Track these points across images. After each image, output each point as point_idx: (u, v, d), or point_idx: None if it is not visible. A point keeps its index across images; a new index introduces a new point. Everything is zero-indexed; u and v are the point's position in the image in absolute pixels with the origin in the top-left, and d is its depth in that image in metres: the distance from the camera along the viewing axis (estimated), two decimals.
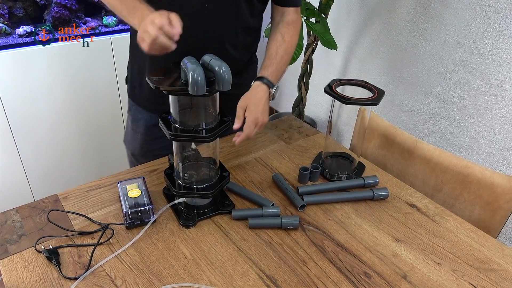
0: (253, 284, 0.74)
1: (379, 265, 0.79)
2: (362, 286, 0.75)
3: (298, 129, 1.26)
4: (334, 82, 0.99)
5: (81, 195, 0.94)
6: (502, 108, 1.54)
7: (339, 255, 0.81)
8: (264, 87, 0.97)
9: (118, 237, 0.83)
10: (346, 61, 2.16)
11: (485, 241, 0.86)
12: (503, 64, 1.49)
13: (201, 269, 0.77)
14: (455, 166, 1.06)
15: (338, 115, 1.02)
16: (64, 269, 0.75)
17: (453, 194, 1.07)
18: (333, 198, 0.96)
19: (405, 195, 0.99)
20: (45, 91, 1.77)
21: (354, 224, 0.89)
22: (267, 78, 0.99)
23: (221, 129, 0.82)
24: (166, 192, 0.95)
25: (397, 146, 1.19)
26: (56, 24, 1.80)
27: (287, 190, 0.96)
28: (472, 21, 1.54)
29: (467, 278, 0.77)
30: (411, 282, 0.76)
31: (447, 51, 1.66)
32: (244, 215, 0.88)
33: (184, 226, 0.86)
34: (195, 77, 0.70)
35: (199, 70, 0.71)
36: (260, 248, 0.82)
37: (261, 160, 1.10)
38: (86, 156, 2.04)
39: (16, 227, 0.84)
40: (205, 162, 0.92)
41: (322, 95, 1.94)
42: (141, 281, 0.74)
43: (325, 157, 1.09)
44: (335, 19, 2.08)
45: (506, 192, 0.96)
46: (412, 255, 0.82)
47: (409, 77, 1.84)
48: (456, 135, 1.73)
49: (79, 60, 1.80)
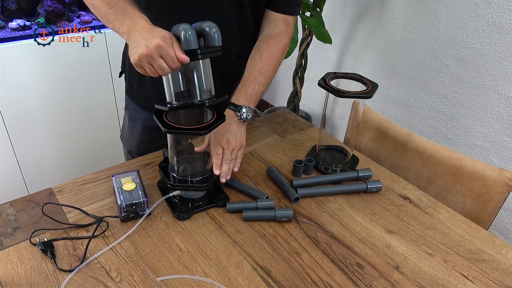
0: (247, 275, 0.75)
1: (372, 256, 0.80)
2: (355, 276, 0.76)
3: (293, 123, 1.27)
4: (328, 75, 0.99)
5: (75, 188, 0.94)
6: (495, 102, 1.55)
7: (332, 246, 0.82)
8: (229, 112, 0.96)
9: (113, 229, 0.83)
10: (341, 55, 2.16)
11: (476, 232, 0.87)
12: (496, 58, 1.50)
13: (196, 261, 0.77)
14: (448, 158, 1.07)
15: (332, 109, 1.03)
16: (59, 261, 0.76)
17: (445, 187, 1.08)
18: (327, 191, 0.96)
19: (398, 188, 1.00)
20: (39, 85, 1.76)
21: (347, 216, 0.90)
22: (233, 102, 0.97)
23: (215, 122, 0.82)
24: (161, 185, 0.95)
25: (391, 139, 1.20)
26: (49, 18, 1.79)
27: (281, 183, 0.97)
28: (465, 15, 1.55)
29: (458, 269, 0.79)
30: (403, 272, 0.77)
31: (441, 45, 1.66)
32: (239, 208, 0.89)
33: (178, 219, 0.86)
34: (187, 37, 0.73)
35: (191, 29, 0.74)
36: (254, 240, 0.83)
37: (255, 154, 1.10)
38: (81, 151, 2.04)
39: (10, 220, 0.85)
40: (200, 155, 0.93)
41: (317, 89, 1.94)
42: (136, 273, 0.74)
43: (319, 151, 1.10)
44: (329, 13, 2.08)
45: (498, 184, 0.97)
46: (405, 246, 0.83)
47: (403, 71, 1.85)
48: (450, 128, 1.74)
49: (74, 55, 1.79)
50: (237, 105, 0.96)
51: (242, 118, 0.95)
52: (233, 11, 0.97)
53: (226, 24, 0.94)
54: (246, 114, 0.95)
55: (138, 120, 1.16)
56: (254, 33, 1.05)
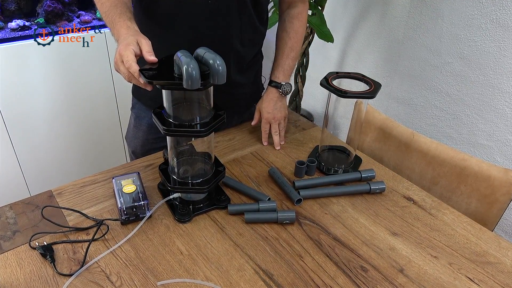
0: (249, 279, 0.74)
1: (376, 259, 0.79)
2: (359, 280, 0.75)
3: (295, 123, 1.25)
4: (330, 75, 0.98)
5: (75, 190, 0.93)
6: (499, 100, 1.54)
7: (335, 249, 0.81)
8: (272, 89, 1.13)
9: (113, 233, 0.82)
10: (343, 54, 2.15)
11: (481, 234, 0.86)
12: (500, 56, 1.48)
13: (197, 265, 0.76)
14: (452, 159, 1.05)
15: (334, 109, 1.02)
16: (59, 265, 0.75)
17: (450, 187, 1.06)
18: (329, 192, 0.95)
19: (402, 189, 0.99)
20: (39, 86, 1.75)
21: (350, 218, 0.89)
22: (275, 80, 1.13)
23: (216, 123, 0.81)
24: (161, 187, 0.94)
25: (394, 139, 1.19)
26: (49, 18, 1.78)
27: (283, 184, 0.95)
28: (469, 13, 1.53)
29: (463, 271, 0.77)
30: (408, 275, 0.76)
31: (444, 43, 1.65)
32: (240, 210, 0.88)
33: (179, 222, 0.85)
34: (189, 71, 0.69)
35: (193, 63, 0.70)
36: (256, 242, 0.82)
37: (257, 154, 1.09)
38: (81, 151, 2.03)
39: (10, 223, 0.84)
40: (200, 157, 0.92)
41: (319, 88, 1.93)
42: (137, 277, 0.73)
43: (321, 151, 1.09)
44: (331, 11, 2.06)
45: (503, 185, 0.96)
46: (409, 249, 0.82)
47: (406, 70, 1.84)
48: (453, 127, 1.72)
49: (74, 55, 1.78)
50: (278, 83, 1.13)
51: (283, 93, 1.13)
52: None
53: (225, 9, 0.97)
54: (286, 89, 1.13)
55: (144, 119, 1.16)
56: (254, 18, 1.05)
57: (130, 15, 0.88)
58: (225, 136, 1.16)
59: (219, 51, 0.77)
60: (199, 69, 0.70)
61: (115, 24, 0.85)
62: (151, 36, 0.82)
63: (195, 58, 0.74)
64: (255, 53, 1.15)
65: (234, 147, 1.12)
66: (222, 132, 1.18)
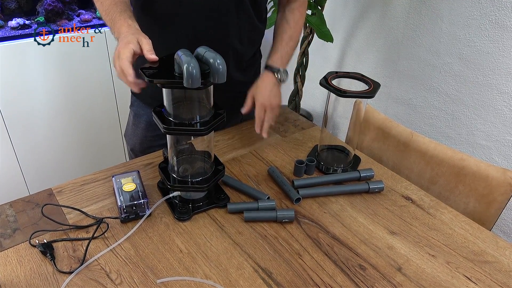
0: (249, 277, 0.74)
1: (374, 258, 0.80)
2: (357, 278, 0.75)
3: (294, 122, 1.26)
4: (329, 74, 0.99)
5: (75, 189, 0.94)
6: (497, 101, 1.54)
7: (334, 247, 0.81)
8: (269, 73, 1.05)
9: (113, 231, 0.83)
10: (342, 54, 2.15)
11: (479, 233, 0.87)
12: (499, 57, 1.49)
13: (197, 263, 0.77)
14: (451, 158, 1.06)
15: (333, 108, 1.02)
16: (59, 263, 0.75)
17: (448, 187, 1.07)
18: (328, 191, 0.96)
19: (401, 188, 0.99)
20: (39, 85, 1.76)
21: (349, 217, 0.89)
22: (271, 65, 1.06)
23: (215, 122, 0.81)
24: (161, 186, 0.94)
25: (393, 139, 1.19)
26: (49, 17, 1.78)
27: (283, 183, 0.96)
28: (468, 13, 1.54)
29: (461, 270, 0.78)
30: (406, 274, 0.76)
31: (443, 43, 1.65)
32: (240, 209, 0.88)
33: (179, 220, 0.86)
34: (189, 70, 0.70)
35: (193, 62, 0.70)
36: (255, 241, 0.82)
37: (256, 153, 1.09)
38: (81, 150, 2.04)
39: (10, 221, 0.84)
40: (200, 156, 0.92)
41: (318, 88, 1.93)
42: (136, 275, 0.74)
43: (320, 150, 1.09)
44: (331, 11, 2.07)
45: (501, 184, 0.96)
46: (407, 248, 0.82)
47: (405, 70, 1.84)
48: (452, 127, 1.73)
49: (74, 54, 1.79)
50: (274, 67, 1.06)
51: (279, 79, 1.06)
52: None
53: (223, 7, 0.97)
54: (283, 76, 1.07)
55: (143, 116, 1.16)
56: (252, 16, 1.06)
57: (131, 14, 0.88)
58: (224, 135, 1.17)
59: (218, 49, 0.77)
60: (199, 68, 0.71)
61: (116, 22, 0.85)
62: (149, 35, 0.82)
63: (196, 57, 0.74)
64: (254, 52, 1.15)
65: (233, 146, 1.12)
66: (221, 131, 1.19)
